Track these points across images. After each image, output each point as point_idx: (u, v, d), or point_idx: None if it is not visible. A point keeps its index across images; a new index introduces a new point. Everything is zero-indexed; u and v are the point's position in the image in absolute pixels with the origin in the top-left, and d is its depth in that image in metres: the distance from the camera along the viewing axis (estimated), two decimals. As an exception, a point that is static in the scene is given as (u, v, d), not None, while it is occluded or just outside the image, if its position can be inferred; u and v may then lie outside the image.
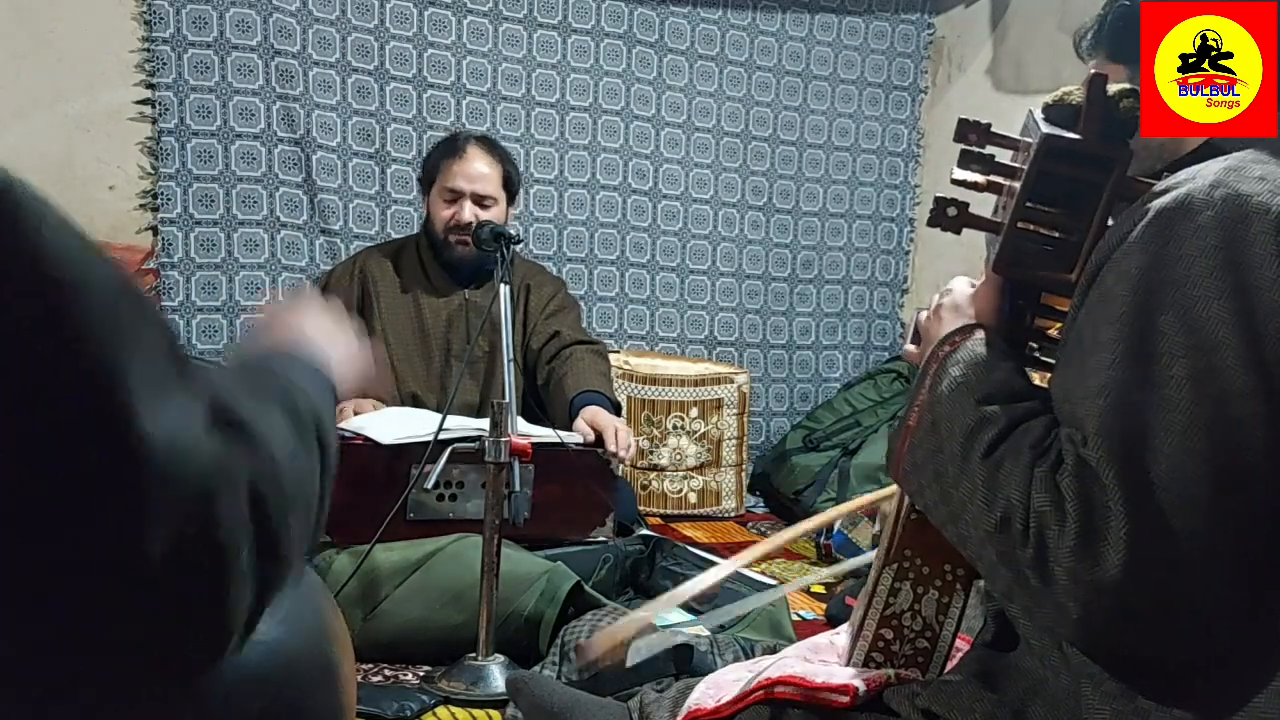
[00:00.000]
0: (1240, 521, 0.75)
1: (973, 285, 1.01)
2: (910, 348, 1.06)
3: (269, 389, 0.67)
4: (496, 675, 1.72)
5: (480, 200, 2.46)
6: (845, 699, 0.96)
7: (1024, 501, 0.78)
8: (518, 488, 1.73)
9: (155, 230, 2.75)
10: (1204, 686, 0.77)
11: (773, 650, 1.50)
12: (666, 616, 2.07)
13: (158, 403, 0.49)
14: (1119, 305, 0.79)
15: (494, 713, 1.66)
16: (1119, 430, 0.76)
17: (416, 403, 2.44)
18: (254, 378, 0.70)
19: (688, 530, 2.95)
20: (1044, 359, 0.99)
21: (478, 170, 2.48)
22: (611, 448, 2.17)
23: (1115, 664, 0.81)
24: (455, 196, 2.47)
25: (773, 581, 2.07)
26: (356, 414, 2.27)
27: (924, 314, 1.04)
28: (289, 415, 0.65)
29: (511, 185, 2.56)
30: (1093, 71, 0.90)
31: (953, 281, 1.04)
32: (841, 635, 1.15)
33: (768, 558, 2.60)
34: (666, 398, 3.17)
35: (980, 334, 0.94)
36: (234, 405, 0.57)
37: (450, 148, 2.51)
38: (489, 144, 2.56)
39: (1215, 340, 0.75)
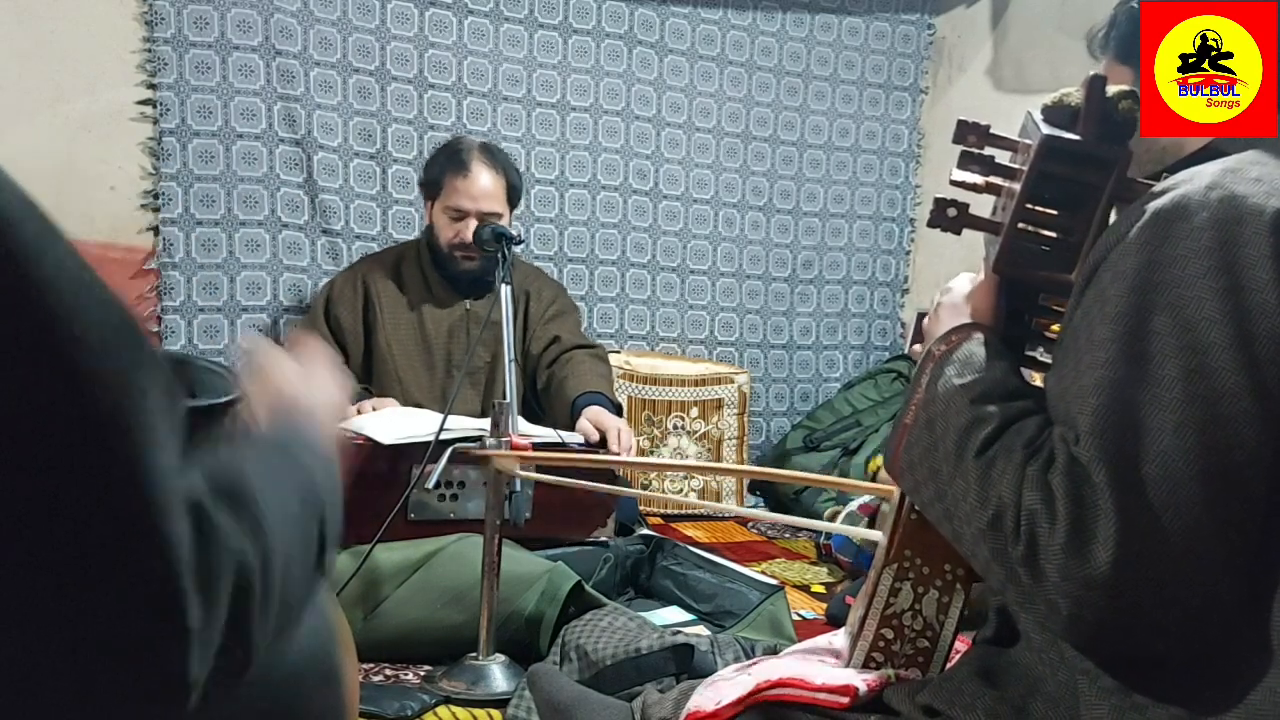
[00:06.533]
0: (1232, 519, 0.75)
1: (973, 282, 1.02)
2: (916, 347, 1.07)
3: (290, 477, 0.67)
4: (497, 675, 1.72)
5: (484, 218, 2.45)
6: (845, 700, 0.96)
7: (1015, 500, 0.79)
8: (519, 488, 1.74)
9: (156, 230, 2.74)
10: (1198, 682, 0.78)
11: (773, 650, 1.50)
12: (667, 617, 2.08)
13: (156, 449, 0.49)
14: (1114, 305, 0.80)
15: (494, 712, 1.66)
16: (1111, 429, 0.77)
17: (419, 412, 2.45)
18: (277, 458, 0.69)
19: (688, 530, 2.95)
20: (1043, 360, 0.99)
21: (483, 189, 2.46)
22: (614, 448, 2.18)
23: (1109, 660, 0.82)
24: (461, 215, 2.46)
25: (773, 581, 2.07)
26: (359, 413, 2.27)
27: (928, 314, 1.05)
28: (303, 512, 0.65)
29: (515, 195, 2.55)
30: (1092, 73, 0.90)
31: (954, 280, 1.05)
32: (839, 637, 1.15)
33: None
34: (667, 398, 3.17)
35: (977, 333, 0.94)
36: (243, 483, 0.56)
37: (454, 162, 2.48)
38: (492, 155, 2.53)
39: (1207, 341, 0.76)
